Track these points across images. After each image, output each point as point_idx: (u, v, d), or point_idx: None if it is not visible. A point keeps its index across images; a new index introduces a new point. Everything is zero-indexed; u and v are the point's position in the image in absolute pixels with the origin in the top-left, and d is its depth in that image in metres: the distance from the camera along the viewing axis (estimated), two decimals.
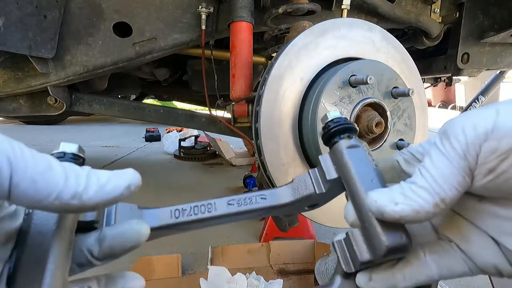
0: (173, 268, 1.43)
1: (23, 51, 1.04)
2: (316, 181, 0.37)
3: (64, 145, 0.33)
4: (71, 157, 0.32)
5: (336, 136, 0.36)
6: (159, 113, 1.58)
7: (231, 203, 0.36)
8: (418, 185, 0.28)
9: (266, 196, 0.37)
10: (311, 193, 0.37)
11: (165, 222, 0.35)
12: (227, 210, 0.36)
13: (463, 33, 1.38)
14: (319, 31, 0.75)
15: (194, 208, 0.36)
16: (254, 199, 0.37)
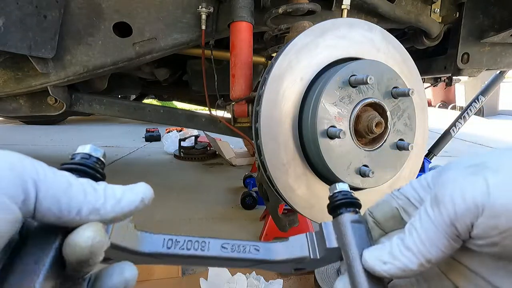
0: (173, 268, 1.43)
1: (23, 51, 1.03)
2: (312, 246, 0.38)
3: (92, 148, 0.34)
4: (95, 161, 0.33)
5: (342, 208, 0.38)
6: (159, 113, 1.58)
7: (225, 246, 0.37)
8: (405, 246, 0.30)
9: (259, 248, 0.38)
10: (305, 257, 0.37)
11: (157, 250, 0.35)
12: (220, 254, 0.36)
13: (463, 33, 1.38)
14: (319, 31, 0.75)
15: (187, 243, 0.36)
16: (248, 248, 0.37)
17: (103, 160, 0.34)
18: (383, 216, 0.37)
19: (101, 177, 0.34)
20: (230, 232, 1.89)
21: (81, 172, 0.32)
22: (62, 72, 1.19)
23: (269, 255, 0.37)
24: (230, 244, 0.37)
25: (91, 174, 0.32)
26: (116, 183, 0.33)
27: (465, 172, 0.28)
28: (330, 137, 0.69)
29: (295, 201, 0.77)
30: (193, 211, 2.18)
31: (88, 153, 0.33)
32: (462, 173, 0.28)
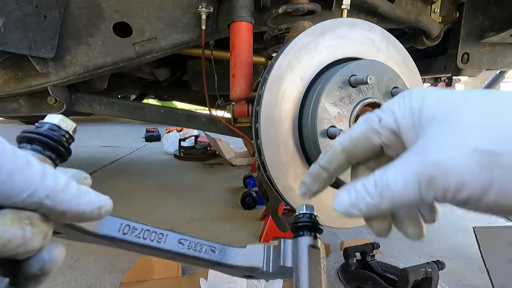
0: (173, 268, 1.43)
1: (23, 51, 1.03)
2: (267, 259, 0.39)
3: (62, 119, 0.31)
4: (62, 134, 0.31)
5: (304, 230, 0.39)
6: (159, 113, 1.58)
7: (182, 242, 0.37)
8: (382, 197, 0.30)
9: (216, 250, 0.38)
10: (258, 268, 0.38)
11: (111, 233, 0.34)
12: (175, 248, 0.37)
13: (463, 33, 1.38)
14: (319, 31, 0.75)
15: (145, 232, 0.36)
16: (204, 248, 0.38)
17: (72, 134, 0.32)
18: (364, 154, 0.35)
19: (66, 152, 0.31)
20: (230, 231, 1.89)
21: (44, 144, 0.30)
22: (62, 72, 1.19)
23: (223, 258, 0.38)
24: (187, 241, 0.37)
25: (54, 148, 0.30)
26: (116, 183, 0.33)
27: (472, 162, 0.25)
28: (330, 137, 0.69)
29: (295, 201, 0.77)
30: (193, 211, 2.18)
31: (57, 124, 0.31)
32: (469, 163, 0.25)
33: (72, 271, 1.50)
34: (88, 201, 0.29)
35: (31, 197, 0.25)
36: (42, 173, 0.26)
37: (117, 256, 1.61)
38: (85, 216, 0.29)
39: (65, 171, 0.33)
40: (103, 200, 0.30)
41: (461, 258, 1.69)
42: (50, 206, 0.26)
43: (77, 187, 0.28)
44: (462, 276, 1.54)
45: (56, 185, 0.27)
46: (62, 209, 0.27)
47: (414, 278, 1.16)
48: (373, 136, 0.33)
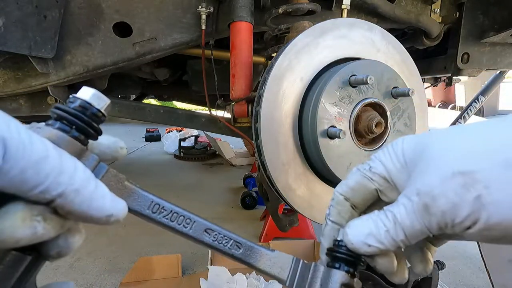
0: (173, 268, 1.43)
1: (23, 51, 1.03)
2: (293, 275, 0.36)
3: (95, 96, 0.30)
4: (93, 113, 0.30)
5: (341, 263, 0.35)
6: (159, 113, 1.58)
7: (208, 232, 0.36)
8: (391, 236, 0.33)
9: (241, 247, 0.37)
10: (281, 279, 0.36)
11: (141, 210, 0.34)
12: (200, 237, 0.36)
13: (463, 33, 1.38)
14: (319, 31, 0.75)
15: (173, 214, 0.36)
16: (230, 243, 0.37)
17: (104, 112, 0.31)
18: (363, 201, 0.37)
19: (96, 133, 0.31)
20: None
21: (72, 124, 0.28)
22: (62, 72, 1.19)
23: (247, 258, 0.37)
24: (214, 232, 0.36)
25: (83, 129, 0.29)
26: None
27: (454, 183, 0.28)
28: (330, 137, 0.69)
29: (295, 201, 0.77)
30: (193, 211, 2.16)
31: (89, 101, 0.29)
32: (451, 185, 0.28)
33: (72, 271, 1.50)
34: (100, 207, 0.28)
35: (43, 193, 0.24)
36: (59, 168, 0.25)
37: (117, 256, 1.61)
38: (92, 221, 0.28)
39: (103, 138, 0.33)
40: (116, 208, 0.29)
41: (461, 258, 1.69)
42: (60, 204, 0.25)
43: (94, 188, 0.27)
44: (462, 276, 1.54)
45: (71, 184, 0.25)
46: (70, 209, 0.26)
47: (414, 278, 1.16)
48: (367, 183, 0.36)
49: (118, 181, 0.33)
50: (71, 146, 0.28)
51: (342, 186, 0.38)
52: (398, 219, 0.32)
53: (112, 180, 0.33)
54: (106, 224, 0.29)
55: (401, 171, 0.34)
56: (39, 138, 0.25)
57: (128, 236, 1.84)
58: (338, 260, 0.35)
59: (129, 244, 1.75)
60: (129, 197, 0.34)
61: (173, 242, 1.77)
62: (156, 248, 1.71)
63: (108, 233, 1.86)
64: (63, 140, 0.28)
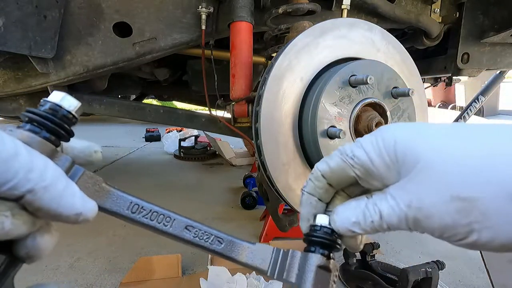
0: (173, 268, 1.43)
1: (23, 51, 1.03)
2: (274, 265, 0.36)
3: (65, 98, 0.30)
4: (64, 115, 0.30)
5: (316, 246, 0.36)
6: (159, 113, 1.58)
7: (189, 229, 0.36)
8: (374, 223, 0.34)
9: (223, 242, 0.37)
10: (263, 270, 0.37)
11: (119, 211, 0.35)
12: (181, 234, 0.36)
13: (463, 33, 1.38)
14: (319, 31, 0.75)
15: (152, 214, 0.36)
16: (211, 238, 0.37)
17: (74, 114, 0.31)
18: (340, 182, 0.38)
19: (67, 134, 0.31)
20: (230, 232, 1.89)
21: (42, 125, 0.29)
22: (62, 72, 1.19)
23: (229, 252, 0.37)
24: (195, 228, 0.37)
25: (53, 130, 0.30)
26: (116, 182, 0.33)
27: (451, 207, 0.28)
28: (330, 137, 0.69)
29: (295, 201, 0.77)
30: (193, 211, 2.18)
31: (59, 104, 0.30)
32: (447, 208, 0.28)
33: (72, 271, 1.50)
34: (69, 205, 0.28)
35: (11, 190, 0.25)
36: (29, 166, 0.25)
37: (117, 256, 1.61)
38: (61, 219, 0.28)
39: (77, 143, 0.33)
40: (86, 207, 0.29)
41: (461, 258, 1.69)
42: (29, 200, 0.26)
43: (65, 186, 0.28)
44: (462, 276, 1.54)
45: (41, 181, 0.26)
46: (38, 206, 0.26)
47: (414, 278, 1.16)
48: (348, 169, 0.36)
49: (95, 183, 0.34)
50: (42, 147, 0.29)
51: (322, 164, 0.38)
52: (385, 218, 0.32)
53: (89, 182, 0.33)
54: (74, 223, 0.29)
55: (389, 167, 0.33)
56: (9, 138, 0.25)
57: (128, 236, 1.84)
58: (313, 244, 0.36)
59: (129, 244, 1.75)
60: (108, 199, 0.34)
61: (173, 242, 1.77)
62: (156, 248, 1.71)
63: (108, 233, 1.86)
64: (34, 140, 0.28)
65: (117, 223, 1.98)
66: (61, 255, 1.61)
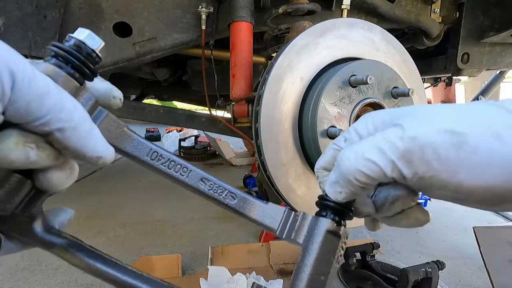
0: (173, 268, 1.43)
1: (23, 51, 1.03)
2: (284, 225, 0.37)
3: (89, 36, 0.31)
4: (88, 53, 0.31)
5: (328, 211, 0.36)
6: (159, 113, 1.58)
7: (204, 181, 0.37)
8: None
9: (236, 197, 0.37)
10: (272, 229, 0.37)
11: (140, 156, 0.35)
12: (196, 185, 0.37)
13: (463, 33, 1.38)
14: (319, 31, 0.75)
15: (170, 162, 0.36)
16: (224, 193, 0.37)
17: (98, 53, 0.31)
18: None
19: (91, 73, 0.31)
20: (230, 231, 1.89)
21: (67, 60, 0.29)
22: None
23: (241, 208, 0.37)
24: (210, 181, 0.37)
25: (77, 67, 0.30)
26: (116, 182, 0.33)
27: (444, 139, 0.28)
28: (330, 137, 0.69)
29: (295, 201, 0.77)
30: (193, 211, 2.18)
31: (83, 41, 0.30)
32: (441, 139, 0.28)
33: (72, 271, 1.50)
34: (93, 147, 0.29)
35: (43, 126, 0.26)
36: (60, 105, 0.26)
37: (117, 256, 1.60)
38: (83, 158, 0.29)
39: (99, 84, 0.33)
40: (106, 152, 0.30)
41: (461, 258, 1.69)
42: (57, 138, 0.27)
43: (90, 129, 0.29)
44: (462, 276, 1.54)
45: (70, 121, 0.27)
46: (66, 145, 0.27)
47: (414, 278, 1.16)
48: None
49: (118, 126, 0.34)
50: (67, 83, 0.29)
51: (319, 161, 0.40)
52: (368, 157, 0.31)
53: (112, 125, 0.34)
54: (93, 164, 0.30)
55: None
56: (41, 74, 0.26)
57: (128, 236, 1.84)
58: (325, 208, 0.36)
59: (129, 244, 1.75)
60: (129, 143, 0.35)
61: (173, 242, 1.77)
62: (156, 248, 1.71)
63: (108, 233, 1.86)
64: (59, 75, 0.29)
65: (117, 223, 1.98)
66: None
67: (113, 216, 2.08)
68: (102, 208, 2.25)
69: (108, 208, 2.24)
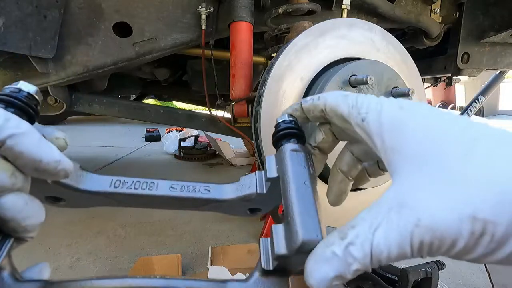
0: (173, 268, 1.43)
1: (23, 51, 1.03)
2: (260, 182, 0.38)
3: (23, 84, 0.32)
4: (25, 95, 0.31)
5: (284, 140, 0.37)
6: (159, 113, 1.58)
7: (174, 187, 0.37)
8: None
9: (210, 189, 0.38)
10: (252, 193, 0.38)
11: (104, 189, 0.35)
12: (168, 193, 0.36)
13: (463, 33, 1.38)
14: (319, 31, 0.75)
15: (135, 183, 0.36)
16: (198, 188, 0.38)
17: (35, 96, 0.32)
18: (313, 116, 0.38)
19: (33, 112, 0.31)
20: (230, 231, 1.89)
21: (6, 102, 0.30)
22: (62, 72, 1.19)
23: (219, 195, 0.38)
24: (179, 185, 0.37)
25: (20, 107, 0.30)
26: None
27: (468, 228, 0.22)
28: None
29: None
30: (192, 211, 2.18)
31: (18, 87, 0.31)
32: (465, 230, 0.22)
33: (72, 271, 1.50)
34: (49, 151, 0.28)
35: None
36: (5, 116, 0.26)
37: (117, 256, 1.61)
38: (42, 165, 0.28)
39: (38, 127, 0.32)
40: (63, 157, 0.29)
41: None
42: (9, 145, 0.26)
43: (40, 138, 0.28)
44: (462, 276, 1.54)
45: (19, 128, 0.26)
46: (20, 150, 0.26)
47: (414, 278, 1.16)
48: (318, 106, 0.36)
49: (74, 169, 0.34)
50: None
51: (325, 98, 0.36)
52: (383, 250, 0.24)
53: None
54: (54, 173, 0.29)
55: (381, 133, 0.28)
56: None
57: (128, 236, 1.84)
58: (280, 139, 0.37)
59: (129, 244, 1.75)
60: (89, 180, 0.35)
61: (173, 242, 1.77)
62: (156, 248, 1.71)
63: (108, 233, 1.86)
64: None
65: (117, 223, 1.98)
66: (61, 255, 1.61)
67: (113, 216, 2.08)
68: (102, 208, 2.25)
69: (108, 208, 2.24)
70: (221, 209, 0.40)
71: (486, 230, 0.22)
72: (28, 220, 0.27)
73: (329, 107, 0.35)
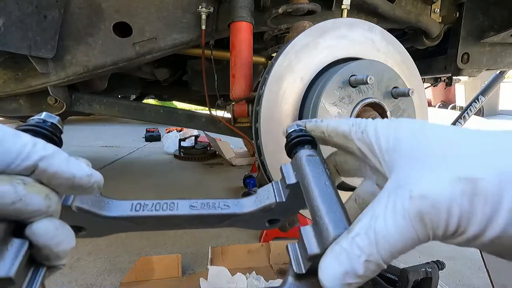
0: (173, 268, 1.43)
1: (23, 51, 1.03)
2: (278, 191, 0.39)
3: (47, 115, 0.34)
4: (49, 125, 0.33)
5: (298, 147, 0.39)
6: (159, 113, 1.58)
7: (194, 205, 0.38)
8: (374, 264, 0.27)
9: (229, 204, 0.39)
10: (272, 202, 0.38)
11: (125, 213, 0.35)
12: (189, 212, 0.37)
13: (463, 33, 1.38)
14: (319, 31, 0.75)
15: (156, 205, 0.37)
16: (217, 204, 0.38)
17: (59, 126, 0.34)
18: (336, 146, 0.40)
19: (58, 140, 0.33)
20: (230, 231, 1.89)
21: (36, 132, 0.31)
22: (62, 72, 1.19)
23: (239, 209, 0.39)
24: (198, 202, 0.38)
25: (46, 135, 0.32)
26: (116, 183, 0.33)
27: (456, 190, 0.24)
28: None
29: None
30: None
31: (43, 118, 0.33)
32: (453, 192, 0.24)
33: (72, 271, 1.50)
34: (79, 167, 0.29)
35: (25, 160, 0.26)
36: (33, 141, 0.27)
37: (117, 256, 1.61)
38: (76, 181, 0.28)
39: None
40: (94, 171, 0.30)
41: (461, 258, 1.69)
42: (42, 168, 0.27)
43: (68, 156, 0.29)
44: (462, 276, 1.54)
45: (47, 150, 0.27)
46: (53, 170, 0.27)
47: (414, 278, 1.16)
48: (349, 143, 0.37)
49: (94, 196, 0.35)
50: None
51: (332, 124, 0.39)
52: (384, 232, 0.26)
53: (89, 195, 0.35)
54: (88, 187, 0.30)
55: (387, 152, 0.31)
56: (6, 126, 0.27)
57: (128, 236, 1.84)
58: (293, 147, 0.39)
59: (129, 244, 1.75)
60: (110, 206, 0.35)
61: (173, 242, 1.77)
62: (156, 248, 1.71)
63: None
64: None
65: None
66: None
67: None
68: None
69: None
70: (241, 223, 0.41)
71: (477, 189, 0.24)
72: (60, 245, 0.27)
73: (331, 128, 0.38)
